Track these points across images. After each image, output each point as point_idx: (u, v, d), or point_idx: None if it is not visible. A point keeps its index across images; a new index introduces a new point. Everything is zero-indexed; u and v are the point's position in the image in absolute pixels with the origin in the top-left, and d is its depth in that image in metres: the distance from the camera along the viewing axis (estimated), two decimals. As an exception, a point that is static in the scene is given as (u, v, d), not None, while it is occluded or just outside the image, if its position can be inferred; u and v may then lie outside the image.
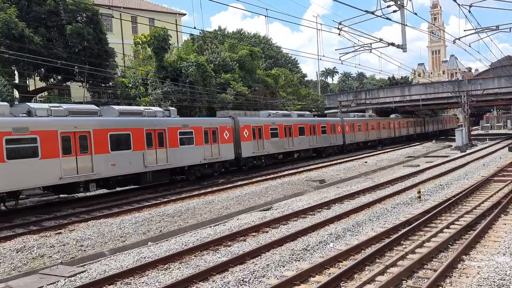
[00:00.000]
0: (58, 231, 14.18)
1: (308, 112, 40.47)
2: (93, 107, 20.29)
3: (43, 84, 33.57)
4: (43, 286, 9.33)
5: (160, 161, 21.45)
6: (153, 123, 21.43)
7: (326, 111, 54.04)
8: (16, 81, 31.18)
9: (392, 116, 54.10)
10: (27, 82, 32.80)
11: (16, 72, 31.05)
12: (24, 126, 16.15)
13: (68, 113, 18.19)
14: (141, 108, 23.30)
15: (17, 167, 15.71)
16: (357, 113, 47.08)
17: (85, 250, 12.22)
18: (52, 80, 32.84)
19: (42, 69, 30.58)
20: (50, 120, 17.32)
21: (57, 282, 9.51)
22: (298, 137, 32.87)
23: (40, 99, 33.27)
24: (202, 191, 20.83)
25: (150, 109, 22.90)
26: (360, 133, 43.55)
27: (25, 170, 15.95)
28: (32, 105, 18.00)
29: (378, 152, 40.39)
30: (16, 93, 32.00)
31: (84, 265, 10.76)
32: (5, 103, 17.40)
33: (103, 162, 18.62)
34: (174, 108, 24.83)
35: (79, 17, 31.25)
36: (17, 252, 11.89)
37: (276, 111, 34.07)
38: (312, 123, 35.35)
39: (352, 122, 42.24)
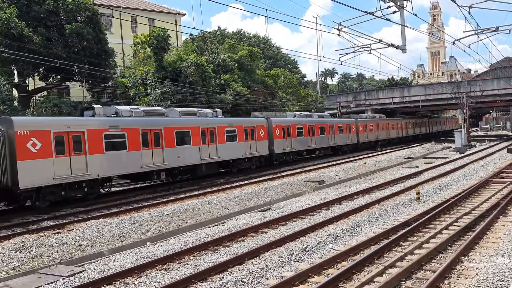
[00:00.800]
0: (57, 230, 14.18)
1: (327, 113, 44.31)
2: (161, 109, 24.18)
3: (42, 84, 33.54)
4: (41, 286, 9.32)
5: (212, 155, 25.00)
6: (205, 123, 24.99)
7: (325, 112, 54.09)
8: (16, 80, 31.16)
9: (399, 117, 57.13)
10: (27, 81, 32.79)
11: (15, 71, 31.04)
12: (116, 124, 19.81)
13: (144, 114, 21.89)
14: (195, 109, 26.35)
15: (112, 158, 19.35)
16: (369, 115, 50.76)
17: (84, 250, 12.21)
18: (51, 79, 32.83)
19: (41, 69, 30.58)
20: (133, 120, 20.97)
21: (56, 281, 9.49)
22: (319, 136, 36.35)
23: (39, 98, 33.24)
24: (201, 192, 20.83)
25: (202, 110, 26.25)
26: (372, 133, 46.81)
27: (117, 160, 19.65)
28: (118, 107, 21.58)
29: (377, 153, 40.45)
30: (15, 93, 31.99)
31: (83, 265, 10.75)
32: (99, 106, 21.06)
33: (171, 155, 22.22)
34: (219, 110, 28.11)
35: (79, 17, 31.24)
36: (16, 252, 11.88)
37: (300, 113, 38.35)
38: (331, 123, 38.99)
39: (365, 122, 45.54)
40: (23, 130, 16.23)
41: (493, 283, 8.06)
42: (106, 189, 20.68)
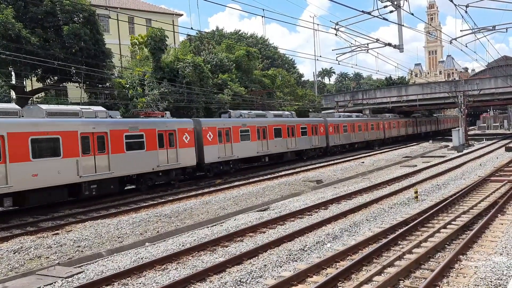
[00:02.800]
0: (55, 232, 14.16)
1: (360, 114, 49.82)
2: (262, 112, 30.69)
3: (40, 85, 33.48)
4: (40, 287, 9.31)
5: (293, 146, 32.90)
6: (290, 121, 32.97)
7: (323, 112, 54.14)
8: (13, 81, 31.10)
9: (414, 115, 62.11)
10: (24, 82, 32.72)
11: (13, 72, 30.97)
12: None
13: (256, 115, 27.54)
14: (263, 112, 31.52)
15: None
16: (390, 114, 54.81)
17: (82, 251, 12.20)
18: (49, 81, 32.76)
19: (39, 70, 30.51)
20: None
21: (54, 283, 9.48)
22: (358, 132, 43.95)
23: (37, 100, 33.18)
24: (199, 192, 20.84)
25: (285, 112, 32.80)
26: (394, 130, 53.35)
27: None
28: (242, 111, 26.18)
29: (375, 152, 40.52)
30: (13, 94, 31.93)
31: (82, 265, 10.73)
32: (232, 110, 26.81)
33: (278, 143, 31.21)
34: (293, 112, 33.04)
35: (76, 18, 31.15)
36: (14, 253, 11.86)
37: (343, 113, 46.02)
38: (370, 121, 46.95)
39: (389, 121, 52.18)
40: (207, 127, 25.01)
41: (491, 281, 8.09)
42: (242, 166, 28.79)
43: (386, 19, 16.75)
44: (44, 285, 9.38)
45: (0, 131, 15.40)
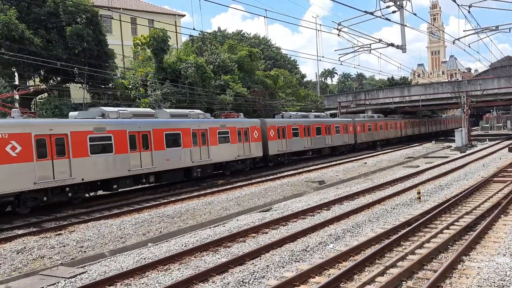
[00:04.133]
0: (58, 232, 14.19)
1: (381, 114, 52.05)
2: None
3: (43, 86, 33.57)
4: (43, 287, 9.34)
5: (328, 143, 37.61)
6: (325, 121, 37.72)
7: (325, 112, 54.10)
8: (16, 82, 31.19)
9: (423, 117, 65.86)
10: (27, 83, 32.82)
11: (16, 73, 31.08)
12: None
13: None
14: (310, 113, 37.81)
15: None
16: (404, 114, 57.93)
17: (85, 251, 12.23)
18: (52, 81, 32.86)
19: (42, 71, 30.61)
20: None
21: (58, 283, 9.51)
22: (379, 131, 47.87)
23: (40, 100, 33.28)
24: (202, 192, 20.85)
25: (322, 114, 37.85)
26: (409, 129, 57.26)
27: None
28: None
29: (378, 153, 40.45)
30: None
31: (84, 266, 10.76)
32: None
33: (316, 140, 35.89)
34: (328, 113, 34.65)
35: (79, 19, 31.27)
36: (18, 253, 11.90)
37: (367, 113, 49.89)
38: (389, 121, 51.04)
39: (405, 121, 55.94)
40: (270, 125, 29.97)
41: (494, 282, 8.06)
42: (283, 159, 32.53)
43: (389, 20, 16.79)
44: (47, 285, 9.40)
45: (148, 128, 20.97)
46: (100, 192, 20.65)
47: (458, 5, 17.60)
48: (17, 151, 15.79)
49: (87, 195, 19.68)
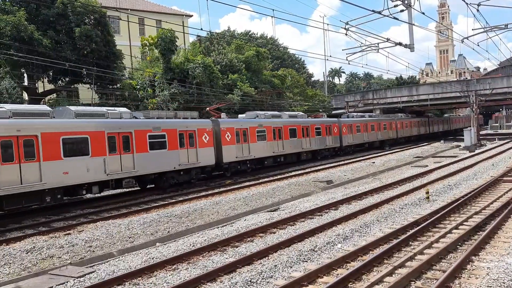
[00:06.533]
0: (67, 232, 14.29)
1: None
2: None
3: (51, 86, 33.85)
4: (52, 287, 9.40)
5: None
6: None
7: (333, 112, 53.98)
8: (25, 83, 31.47)
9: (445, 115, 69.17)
10: (36, 84, 33.08)
11: (25, 74, 31.33)
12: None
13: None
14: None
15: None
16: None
17: (93, 251, 12.30)
18: (60, 82, 33.10)
19: (51, 72, 30.83)
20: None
21: (66, 282, 9.57)
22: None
23: (49, 101, 33.54)
24: (210, 192, 20.89)
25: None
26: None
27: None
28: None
29: (386, 153, 40.28)
30: (25, 95, 32.30)
31: (93, 265, 10.83)
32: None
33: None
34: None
35: (87, 20, 31.46)
36: (27, 253, 12.00)
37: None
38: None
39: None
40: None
41: (504, 283, 7.99)
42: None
43: (397, 19, 16.70)
44: (56, 285, 9.47)
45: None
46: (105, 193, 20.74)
47: (467, 3, 17.50)
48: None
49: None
